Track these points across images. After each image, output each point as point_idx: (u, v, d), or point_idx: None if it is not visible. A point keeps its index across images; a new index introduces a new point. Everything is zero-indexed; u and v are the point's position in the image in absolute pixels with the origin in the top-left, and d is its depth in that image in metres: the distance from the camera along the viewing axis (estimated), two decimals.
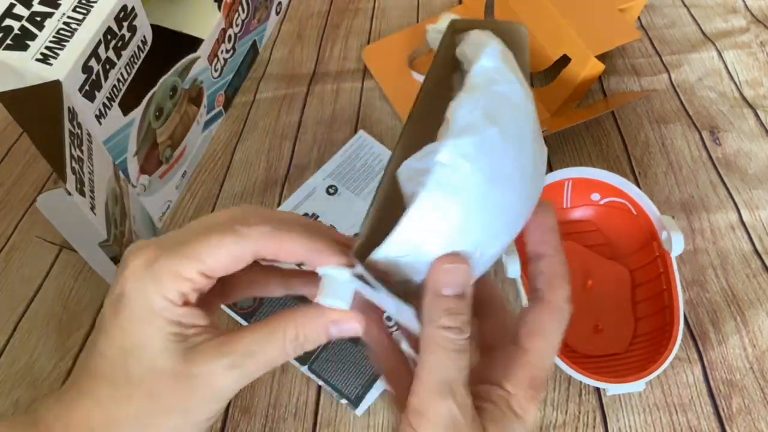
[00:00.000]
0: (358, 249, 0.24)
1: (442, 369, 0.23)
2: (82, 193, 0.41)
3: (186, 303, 0.24)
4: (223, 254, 0.24)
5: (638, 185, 0.55)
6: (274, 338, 0.25)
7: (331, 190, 0.57)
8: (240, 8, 0.63)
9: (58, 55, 0.39)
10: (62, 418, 0.24)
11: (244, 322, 0.49)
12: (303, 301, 0.27)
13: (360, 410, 0.45)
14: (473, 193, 0.23)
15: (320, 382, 0.46)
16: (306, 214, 0.56)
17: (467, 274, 0.24)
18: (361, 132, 0.62)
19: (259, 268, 0.28)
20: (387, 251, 0.23)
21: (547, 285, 0.27)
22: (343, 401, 0.45)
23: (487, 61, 0.25)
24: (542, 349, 0.25)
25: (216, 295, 0.27)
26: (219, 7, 0.58)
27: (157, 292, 0.23)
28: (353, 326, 0.25)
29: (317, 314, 0.25)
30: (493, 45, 0.26)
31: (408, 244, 0.23)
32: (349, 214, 0.55)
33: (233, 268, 0.25)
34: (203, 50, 0.56)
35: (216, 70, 0.60)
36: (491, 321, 0.29)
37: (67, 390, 0.25)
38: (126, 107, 0.47)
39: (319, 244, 0.25)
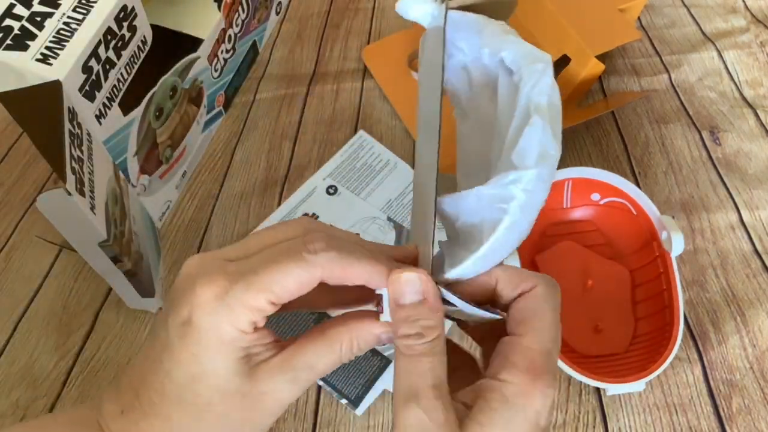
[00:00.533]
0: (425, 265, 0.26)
1: (405, 376, 0.24)
2: (82, 193, 0.41)
3: (255, 329, 0.25)
4: (292, 283, 0.24)
5: (638, 185, 0.55)
6: (332, 350, 0.26)
7: (331, 190, 0.57)
8: (240, 8, 0.63)
9: (58, 55, 0.39)
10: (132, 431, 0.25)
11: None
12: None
13: (360, 410, 0.45)
14: (536, 209, 0.26)
15: (320, 382, 0.46)
16: (306, 214, 0.56)
17: (422, 281, 0.25)
18: (361, 132, 0.62)
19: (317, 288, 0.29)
20: (465, 269, 0.26)
21: (520, 282, 0.26)
22: (343, 401, 0.45)
23: (547, 79, 0.29)
24: (538, 330, 0.25)
25: None
26: (219, 7, 0.58)
27: (230, 323, 0.24)
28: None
29: (371, 324, 0.26)
30: (546, 59, 0.29)
31: (485, 262, 0.26)
32: (349, 214, 0.55)
33: (300, 293, 0.25)
34: (203, 50, 0.56)
35: (216, 70, 0.60)
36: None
37: (131, 407, 0.25)
38: (126, 107, 0.47)
39: (382, 267, 0.25)
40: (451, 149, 0.60)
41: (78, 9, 0.41)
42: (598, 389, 0.45)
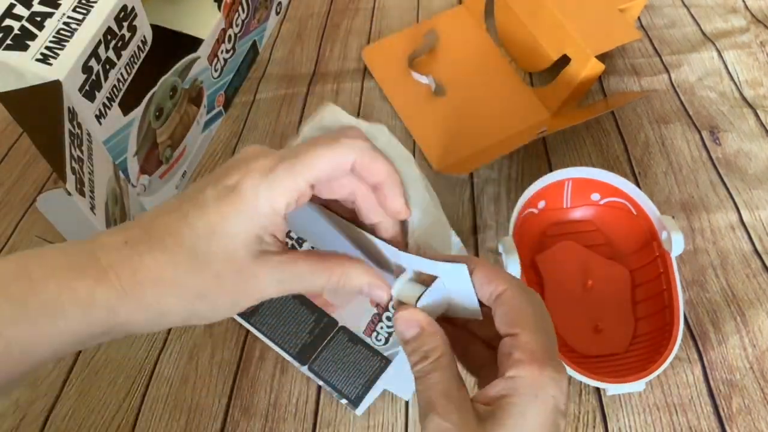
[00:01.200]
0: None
1: (422, 395, 0.26)
2: (81, 193, 0.41)
3: (284, 216, 0.27)
4: (328, 163, 0.27)
5: (638, 185, 0.55)
6: (322, 275, 0.28)
7: None
8: (240, 8, 0.63)
9: (58, 55, 0.39)
10: (131, 263, 0.27)
11: (243, 322, 0.49)
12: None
13: (360, 410, 0.45)
14: None
15: (320, 382, 0.46)
16: None
17: (414, 315, 0.28)
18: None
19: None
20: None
21: (490, 286, 0.28)
22: (343, 401, 0.45)
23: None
24: (530, 324, 0.26)
25: None
26: (219, 7, 0.58)
27: (268, 198, 0.26)
28: (381, 294, 0.29)
29: (363, 272, 0.29)
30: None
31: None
32: None
33: (334, 175, 0.28)
34: (203, 50, 0.56)
35: (216, 70, 0.61)
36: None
37: (139, 240, 0.27)
38: (126, 107, 0.47)
39: (397, 177, 0.29)
40: (451, 148, 0.60)
41: (78, 9, 0.41)
42: (598, 389, 0.45)
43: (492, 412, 0.25)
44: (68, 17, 0.41)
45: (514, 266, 0.44)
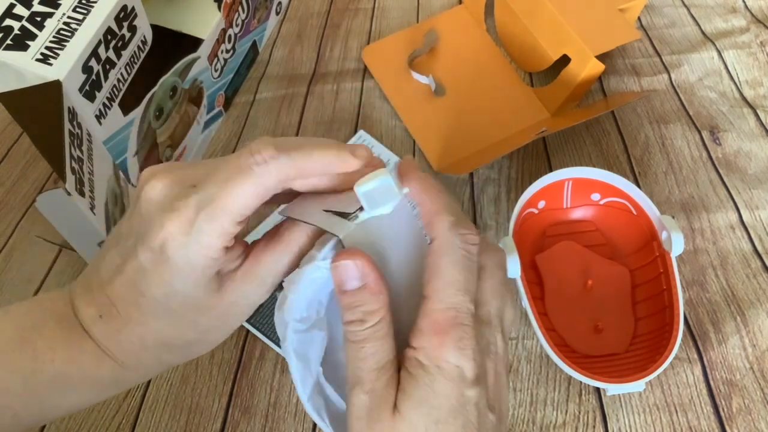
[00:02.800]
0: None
1: (352, 362, 0.25)
2: (81, 193, 0.41)
3: (225, 248, 0.26)
4: (250, 199, 0.25)
5: (638, 185, 0.55)
6: (290, 251, 0.27)
7: None
8: (240, 8, 0.63)
9: (58, 55, 0.39)
10: (115, 337, 0.27)
11: (245, 323, 0.49)
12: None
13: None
14: None
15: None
16: None
17: (361, 266, 0.25)
18: (361, 132, 0.62)
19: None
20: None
21: (427, 225, 0.26)
22: None
23: None
24: (440, 290, 0.24)
25: None
26: (219, 7, 0.58)
27: (200, 254, 0.25)
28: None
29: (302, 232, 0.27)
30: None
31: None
32: None
33: (263, 201, 0.26)
34: (203, 50, 0.56)
35: (216, 70, 0.60)
36: None
37: (109, 313, 0.27)
38: (126, 107, 0.47)
39: (340, 149, 0.26)
40: (451, 148, 0.60)
41: (78, 9, 0.41)
42: (598, 389, 0.45)
43: (402, 388, 0.24)
44: (68, 17, 0.41)
45: (514, 266, 0.44)
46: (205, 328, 0.27)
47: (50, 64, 0.39)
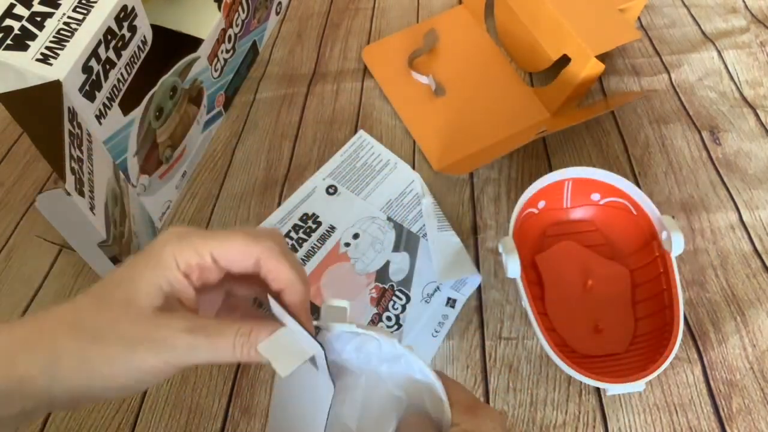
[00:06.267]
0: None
1: None
2: (81, 193, 0.41)
3: (186, 275, 0.28)
4: (235, 248, 0.29)
5: (638, 185, 0.55)
6: (230, 326, 0.27)
7: (331, 190, 0.57)
8: (240, 8, 0.63)
9: (58, 55, 0.39)
10: (37, 316, 0.27)
11: None
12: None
13: None
14: None
15: None
16: (306, 214, 0.56)
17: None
18: (361, 132, 0.62)
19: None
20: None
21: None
22: None
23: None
24: (456, 393, 0.29)
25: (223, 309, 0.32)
26: (219, 7, 0.58)
27: (172, 252, 0.28)
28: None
29: (270, 327, 0.28)
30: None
31: None
32: (349, 214, 0.55)
33: (237, 264, 0.29)
34: (203, 50, 0.56)
35: (216, 70, 0.60)
36: None
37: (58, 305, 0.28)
38: (126, 107, 0.47)
39: (304, 287, 0.30)
40: (451, 148, 0.60)
41: (78, 9, 0.41)
42: (598, 389, 0.45)
43: None
44: (68, 17, 0.41)
45: (514, 266, 0.44)
46: (117, 331, 0.27)
47: (50, 64, 0.39)
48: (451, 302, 0.50)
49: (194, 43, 0.56)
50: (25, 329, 0.27)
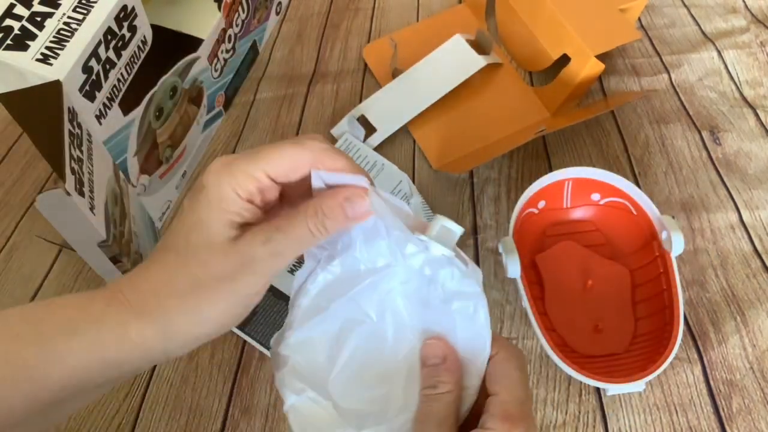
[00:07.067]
0: None
1: (419, 416, 0.29)
2: (81, 193, 0.41)
3: (250, 200, 0.28)
4: (287, 159, 0.28)
5: (638, 185, 0.55)
6: (297, 215, 0.28)
7: None
8: (240, 8, 0.63)
9: (58, 55, 0.39)
10: (132, 282, 0.28)
11: (238, 332, 0.49)
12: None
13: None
14: None
15: None
16: None
17: (442, 348, 0.30)
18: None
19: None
20: None
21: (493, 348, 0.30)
22: None
23: None
24: (508, 386, 0.28)
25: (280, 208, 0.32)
26: (219, 7, 0.58)
27: (230, 184, 0.28)
28: (365, 203, 0.29)
29: (332, 194, 0.29)
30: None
31: None
32: None
33: (293, 174, 0.29)
34: (203, 50, 0.56)
35: (216, 70, 0.60)
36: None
37: (140, 265, 0.29)
38: (126, 107, 0.47)
39: (360, 171, 0.30)
40: (451, 147, 0.60)
41: (78, 9, 0.41)
42: (598, 389, 0.45)
43: None
44: (68, 17, 0.41)
45: (514, 266, 0.44)
46: (215, 273, 0.28)
47: (50, 64, 0.39)
48: None
49: (194, 43, 0.56)
50: (126, 296, 0.27)
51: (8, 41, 0.39)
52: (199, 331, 0.28)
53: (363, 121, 0.62)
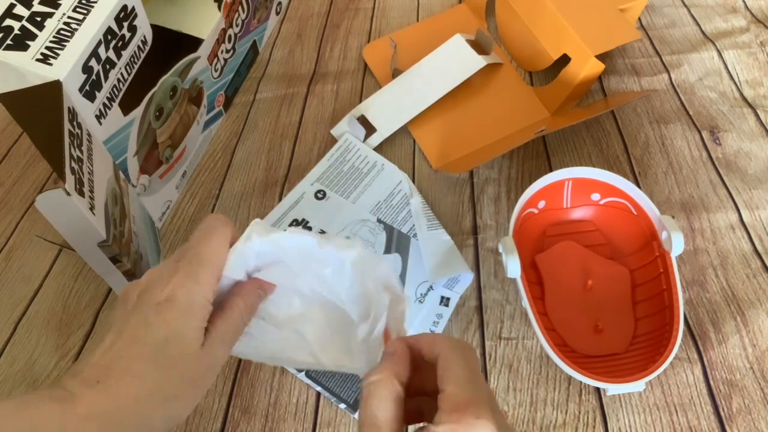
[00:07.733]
0: None
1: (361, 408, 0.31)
2: (81, 193, 0.41)
3: (212, 303, 0.32)
4: (223, 255, 0.33)
5: (638, 185, 0.55)
6: (231, 310, 0.33)
7: (320, 195, 0.57)
8: (240, 8, 0.63)
9: (58, 55, 0.39)
10: (108, 395, 0.29)
11: None
12: None
13: (359, 414, 0.45)
14: None
15: (318, 388, 0.46)
16: (295, 220, 0.55)
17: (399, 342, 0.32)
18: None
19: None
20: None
21: (432, 345, 0.31)
22: (342, 406, 0.45)
23: None
24: (453, 380, 0.28)
25: None
26: (219, 7, 0.58)
27: (200, 293, 0.31)
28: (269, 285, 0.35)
29: (252, 287, 0.34)
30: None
31: None
32: (339, 218, 0.55)
33: (222, 266, 0.33)
34: (203, 50, 0.56)
35: (216, 70, 0.60)
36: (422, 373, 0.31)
37: (108, 376, 0.30)
38: (126, 107, 0.47)
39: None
40: (451, 147, 0.60)
41: (78, 9, 0.41)
42: (598, 389, 0.45)
43: None
44: (68, 17, 0.41)
45: (514, 266, 0.44)
46: (190, 379, 0.31)
47: (50, 64, 0.39)
48: (444, 301, 0.50)
49: (194, 43, 0.56)
50: (105, 403, 0.29)
51: (8, 41, 0.39)
52: (177, 420, 0.32)
53: (363, 121, 0.62)
